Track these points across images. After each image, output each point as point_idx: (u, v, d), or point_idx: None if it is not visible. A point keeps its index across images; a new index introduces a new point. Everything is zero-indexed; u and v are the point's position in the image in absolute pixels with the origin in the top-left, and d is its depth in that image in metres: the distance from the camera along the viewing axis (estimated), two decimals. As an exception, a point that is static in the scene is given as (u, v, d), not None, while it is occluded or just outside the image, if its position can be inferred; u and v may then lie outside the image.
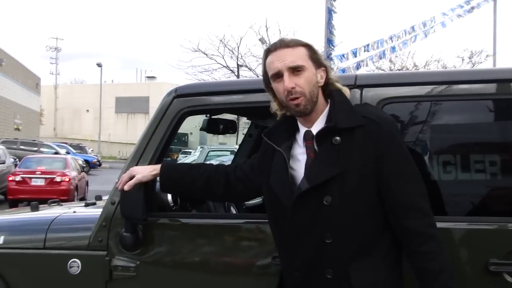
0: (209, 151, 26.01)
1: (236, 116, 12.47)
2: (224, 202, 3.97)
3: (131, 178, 3.18)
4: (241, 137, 5.57)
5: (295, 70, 2.62)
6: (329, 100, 2.72)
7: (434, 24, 20.36)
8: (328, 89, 2.73)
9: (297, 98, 2.61)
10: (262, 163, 2.91)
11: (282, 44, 2.69)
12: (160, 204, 3.65)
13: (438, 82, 3.24)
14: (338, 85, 2.75)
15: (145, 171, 3.19)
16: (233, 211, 4.45)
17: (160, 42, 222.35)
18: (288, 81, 2.62)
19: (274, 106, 2.83)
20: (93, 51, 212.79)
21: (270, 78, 2.73)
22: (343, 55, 20.10)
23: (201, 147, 32.90)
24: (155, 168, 3.20)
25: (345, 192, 2.54)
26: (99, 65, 64.30)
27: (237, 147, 8.57)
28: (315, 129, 2.68)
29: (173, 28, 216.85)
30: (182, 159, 36.15)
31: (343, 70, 19.61)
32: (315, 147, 2.65)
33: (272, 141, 2.78)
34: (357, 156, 2.55)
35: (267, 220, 2.90)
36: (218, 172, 3.13)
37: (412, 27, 20.29)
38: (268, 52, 2.72)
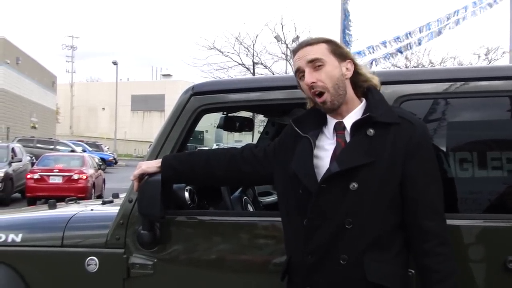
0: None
1: (252, 114, 12.50)
2: (227, 185, 3.93)
3: (140, 172, 3.24)
4: (256, 135, 5.56)
5: (315, 65, 2.70)
6: (367, 95, 2.78)
7: (448, 21, 20.25)
8: (363, 84, 2.80)
9: (321, 94, 2.69)
10: (280, 149, 2.93)
11: (303, 43, 2.78)
12: (177, 202, 3.66)
13: (457, 79, 3.23)
14: (375, 81, 2.83)
15: (150, 164, 3.24)
16: (250, 208, 4.44)
17: (176, 40, 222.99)
18: (308, 76, 2.70)
19: (308, 104, 2.91)
20: (108, 49, 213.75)
21: (295, 76, 2.82)
22: (359, 52, 20.02)
23: (216, 145, 33.00)
24: (159, 162, 3.23)
25: (371, 181, 2.59)
26: (114, 63, 64.54)
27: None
28: (348, 120, 2.73)
29: (189, 26, 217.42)
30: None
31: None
32: (346, 137, 2.71)
33: (299, 129, 2.82)
34: (387, 151, 2.61)
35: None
36: (219, 154, 3.15)
37: (428, 25, 20.19)
38: (293, 52, 2.82)
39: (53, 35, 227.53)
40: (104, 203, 4.53)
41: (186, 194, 3.72)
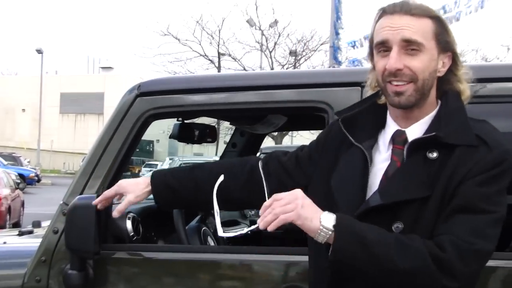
0: (180, 164, 25.89)
1: (216, 121, 12.51)
2: (243, 209, 3.75)
3: (117, 194, 3.11)
4: (222, 147, 5.55)
5: (410, 47, 2.46)
6: (441, 100, 2.60)
7: (470, 3, 20.44)
8: (446, 87, 2.60)
9: (402, 84, 2.47)
10: (319, 155, 2.77)
11: (404, 8, 2.51)
12: (116, 233, 3.64)
13: (481, 79, 3.21)
14: (464, 85, 2.61)
15: (137, 189, 3.06)
16: (211, 243, 4.43)
17: (119, 24, 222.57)
18: (396, 59, 2.46)
19: (371, 82, 2.69)
20: (31, 33, 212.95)
21: (374, 46, 2.59)
22: (354, 42, 20.14)
23: (170, 159, 33.00)
24: (147, 183, 3.08)
25: (420, 222, 2.39)
26: (39, 51, 64.32)
27: (217, 159, 8.58)
28: (412, 130, 2.55)
29: (136, 5, 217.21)
30: (146, 173, 36.05)
31: (354, 61, 19.69)
32: (405, 154, 2.51)
33: (351, 133, 2.62)
34: (445, 179, 2.40)
35: (254, 254, 2.86)
36: (231, 167, 3.02)
37: (443, 7, 20.37)
38: (382, 13, 2.56)
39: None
40: (21, 233, 4.48)
41: (128, 223, 3.69)
